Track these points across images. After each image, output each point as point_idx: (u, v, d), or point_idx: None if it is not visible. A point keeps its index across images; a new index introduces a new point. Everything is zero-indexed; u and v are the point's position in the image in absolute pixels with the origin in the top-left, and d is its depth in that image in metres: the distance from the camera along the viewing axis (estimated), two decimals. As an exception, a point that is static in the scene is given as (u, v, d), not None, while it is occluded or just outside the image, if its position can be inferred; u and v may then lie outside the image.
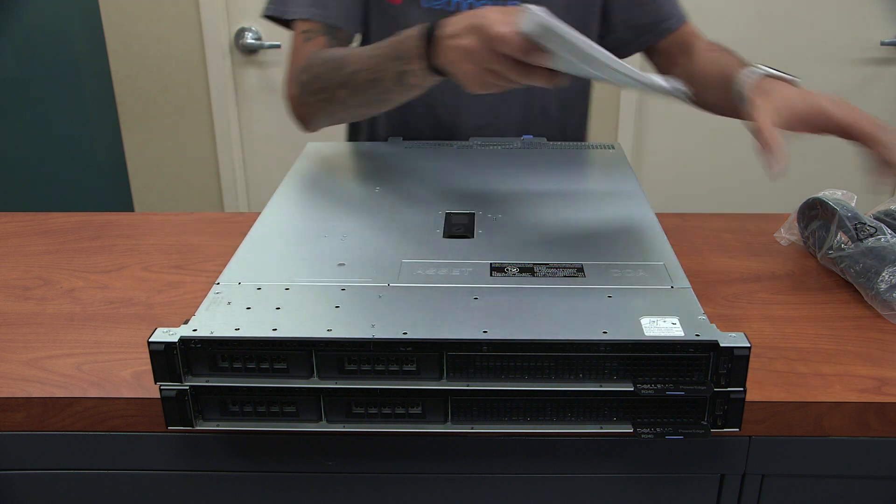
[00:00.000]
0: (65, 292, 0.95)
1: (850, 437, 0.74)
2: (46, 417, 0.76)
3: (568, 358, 0.66)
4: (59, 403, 0.75)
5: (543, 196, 0.98)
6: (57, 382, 0.76)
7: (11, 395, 0.75)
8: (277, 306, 0.70)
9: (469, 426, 0.69)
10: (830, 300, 0.90)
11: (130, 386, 0.76)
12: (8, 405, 0.75)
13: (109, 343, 0.83)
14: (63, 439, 0.77)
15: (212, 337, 0.66)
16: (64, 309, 0.91)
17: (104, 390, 0.75)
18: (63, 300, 0.93)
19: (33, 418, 0.76)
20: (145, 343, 0.71)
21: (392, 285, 0.74)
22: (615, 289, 0.73)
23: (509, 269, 0.77)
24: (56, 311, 0.90)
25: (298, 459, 0.78)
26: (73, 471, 0.80)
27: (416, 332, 0.65)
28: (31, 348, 0.83)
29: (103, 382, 0.76)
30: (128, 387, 0.75)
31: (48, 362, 0.80)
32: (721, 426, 0.68)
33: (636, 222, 0.89)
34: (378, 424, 0.69)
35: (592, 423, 0.69)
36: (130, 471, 0.80)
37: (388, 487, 0.80)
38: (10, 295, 0.94)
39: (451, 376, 0.66)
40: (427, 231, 0.87)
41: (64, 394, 0.75)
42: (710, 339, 0.64)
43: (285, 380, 0.67)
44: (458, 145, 1.18)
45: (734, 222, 1.13)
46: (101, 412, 0.75)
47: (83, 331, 0.86)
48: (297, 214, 0.93)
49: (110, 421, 0.75)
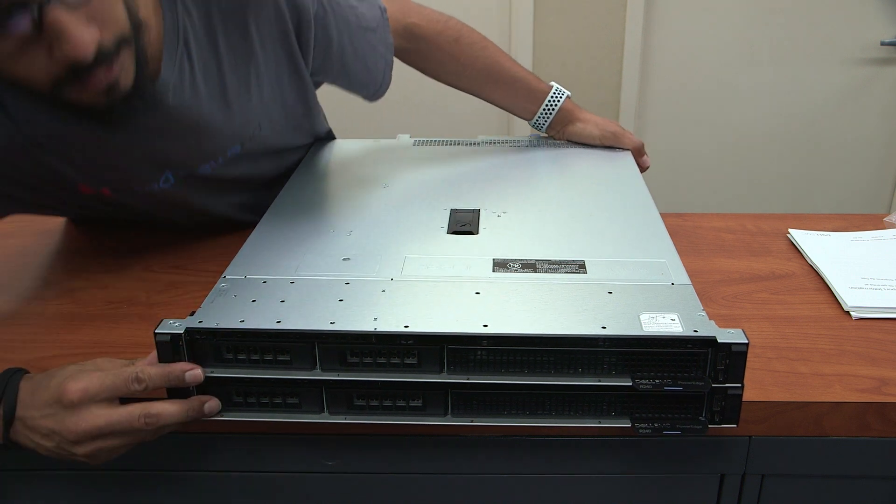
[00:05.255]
0: (65, 292, 0.95)
1: (850, 437, 0.74)
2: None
3: (567, 352, 0.66)
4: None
5: (548, 193, 0.98)
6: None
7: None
8: (282, 299, 0.71)
9: (469, 419, 0.70)
10: (830, 300, 0.91)
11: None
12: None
13: (109, 343, 0.83)
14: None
15: (217, 328, 0.66)
16: (64, 309, 0.91)
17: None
18: (63, 300, 0.93)
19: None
20: (146, 343, 0.72)
21: (395, 280, 0.74)
22: (616, 285, 0.73)
23: (511, 264, 0.78)
24: (56, 311, 0.90)
25: (299, 458, 0.79)
26: (73, 471, 0.80)
27: (417, 325, 0.66)
28: (31, 348, 0.82)
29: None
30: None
31: (48, 362, 0.79)
32: (719, 422, 0.68)
33: (639, 219, 0.89)
34: (379, 416, 0.70)
35: (591, 417, 0.69)
36: (130, 471, 0.80)
37: (389, 487, 0.80)
38: (11, 295, 0.95)
39: (452, 369, 0.67)
40: (432, 227, 0.87)
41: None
42: (709, 336, 0.65)
43: (289, 371, 0.68)
44: (465, 142, 1.19)
45: (734, 222, 1.13)
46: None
47: (83, 331, 0.86)
48: (304, 210, 0.94)
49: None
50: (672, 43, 2.43)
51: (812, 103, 2.48)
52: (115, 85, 0.73)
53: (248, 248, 0.83)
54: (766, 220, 1.13)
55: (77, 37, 0.66)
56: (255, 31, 0.86)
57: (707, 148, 2.56)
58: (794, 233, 1.06)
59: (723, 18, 2.39)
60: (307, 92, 0.95)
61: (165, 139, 0.86)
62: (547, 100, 1.17)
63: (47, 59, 0.68)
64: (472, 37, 1.13)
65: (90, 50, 0.68)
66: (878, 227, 1.10)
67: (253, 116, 0.91)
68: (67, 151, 0.86)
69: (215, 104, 0.86)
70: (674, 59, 2.45)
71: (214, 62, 0.85)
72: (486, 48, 1.13)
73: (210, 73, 0.85)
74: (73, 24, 0.66)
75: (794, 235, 1.06)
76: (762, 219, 1.14)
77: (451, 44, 1.11)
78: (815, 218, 1.13)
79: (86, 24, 0.67)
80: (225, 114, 0.88)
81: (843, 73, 2.44)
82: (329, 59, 0.93)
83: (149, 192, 0.93)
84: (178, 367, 0.67)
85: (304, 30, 0.88)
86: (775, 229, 1.10)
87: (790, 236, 1.06)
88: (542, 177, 1.05)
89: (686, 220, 1.13)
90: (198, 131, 0.88)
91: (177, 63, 0.81)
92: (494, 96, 1.18)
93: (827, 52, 2.41)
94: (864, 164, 2.54)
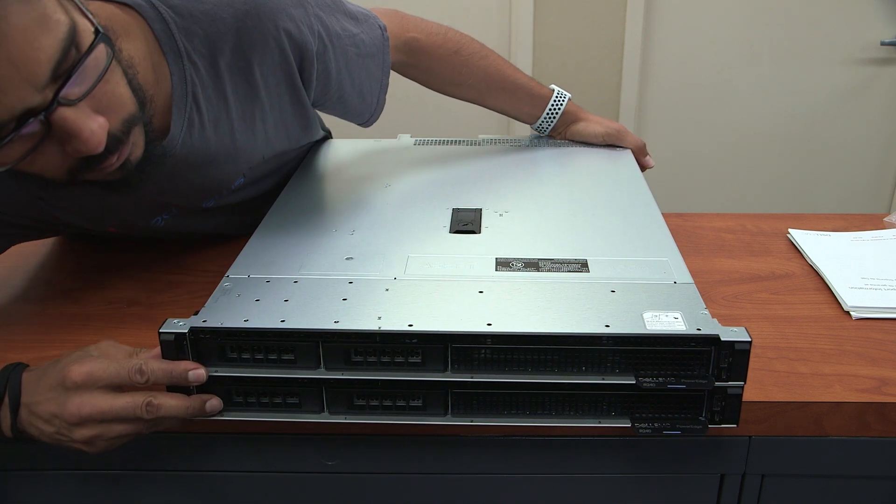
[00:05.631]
0: (65, 292, 0.95)
1: (850, 437, 0.75)
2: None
3: (571, 351, 0.66)
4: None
5: (549, 192, 0.98)
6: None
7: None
8: (286, 298, 0.71)
9: (469, 419, 0.70)
10: (830, 300, 0.91)
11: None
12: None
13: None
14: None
15: (221, 327, 0.66)
16: (64, 309, 0.91)
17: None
18: (63, 300, 0.93)
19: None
20: (146, 343, 0.72)
21: (398, 279, 0.75)
22: (619, 283, 0.73)
23: (514, 263, 0.78)
24: (56, 311, 0.90)
25: (299, 458, 0.79)
26: (73, 471, 0.80)
27: (421, 324, 0.66)
28: (32, 348, 0.82)
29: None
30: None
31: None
32: (718, 422, 0.68)
33: (640, 218, 0.90)
34: (379, 416, 0.70)
35: (591, 417, 0.69)
36: (130, 471, 0.80)
37: (389, 487, 0.80)
38: (11, 295, 0.95)
39: (456, 368, 0.67)
40: (434, 226, 0.87)
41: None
42: (712, 334, 0.65)
43: (293, 371, 0.68)
44: (466, 142, 1.20)
45: (734, 222, 1.13)
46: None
47: (83, 331, 0.86)
48: (306, 210, 0.94)
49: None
50: (672, 43, 2.43)
51: (812, 103, 2.48)
52: (128, 161, 0.74)
53: (251, 248, 0.83)
54: (766, 220, 1.13)
55: (86, 132, 0.66)
56: (259, 75, 0.86)
57: (707, 148, 2.57)
58: (794, 233, 1.07)
59: (723, 18, 2.40)
60: (309, 118, 0.96)
61: (172, 185, 0.87)
62: (549, 104, 1.18)
63: (61, 154, 0.68)
64: (472, 47, 1.13)
65: (101, 141, 0.67)
66: (878, 227, 1.11)
67: (257, 151, 0.93)
68: (74, 207, 0.88)
69: (222, 147, 0.87)
70: (674, 59, 2.45)
71: (223, 109, 0.85)
72: (486, 57, 1.14)
73: (218, 120, 0.85)
74: (80, 120, 0.65)
75: (794, 235, 1.06)
76: (762, 219, 1.14)
77: (452, 56, 1.11)
78: (815, 218, 1.13)
79: (93, 117, 0.67)
80: (231, 155, 0.89)
81: (843, 73, 2.44)
82: (328, 91, 0.94)
83: (153, 225, 0.96)
84: (182, 365, 0.67)
85: (307, 66, 0.89)
86: (775, 229, 1.10)
87: (790, 236, 1.07)
88: (544, 176, 1.06)
89: (686, 220, 1.13)
90: (204, 174, 0.89)
91: (185, 116, 0.82)
92: (497, 104, 1.19)
93: (827, 52, 2.42)
94: (864, 164, 2.55)
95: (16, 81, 0.60)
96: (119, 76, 0.71)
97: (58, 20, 0.62)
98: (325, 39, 0.90)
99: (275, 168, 1.02)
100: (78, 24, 0.65)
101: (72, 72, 0.64)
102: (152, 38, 0.80)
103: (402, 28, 1.07)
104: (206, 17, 0.82)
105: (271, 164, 0.99)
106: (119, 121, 0.71)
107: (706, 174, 2.60)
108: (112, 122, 0.70)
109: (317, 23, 0.89)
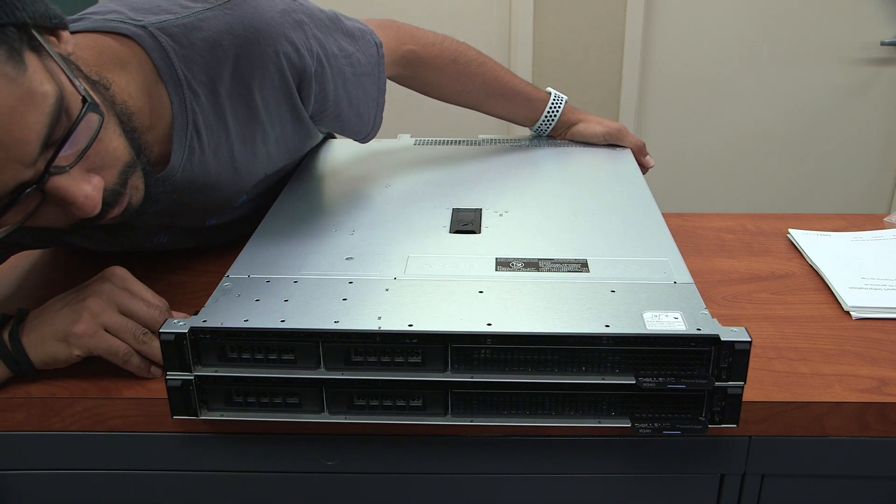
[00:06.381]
0: (65, 292, 0.95)
1: (850, 437, 0.75)
2: (46, 417, 0.75)
3: (571, 351, 0.66)
4: (59, 403, 0.75)
5: (550, 192, 0.98)
6: (57, 382, 0.76)
7: (11, 395, 0.75)
8: (286, 298, 0.71)
9: (469, 419, 0.70)
10: (830, 300, 0.91)
11: (131, 386, 0.76)
12: (8, 405, 0.75)
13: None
14: (63, 439, 0.77)
15: (221, 328, 0.66)
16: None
17: (104, 390, 0.75)
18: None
19: (33, 418, 0.76)
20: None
21: (398, 279, 0.75)
22: (619, 283, 0.73)
23: (514, 263, 0.78)
24: (56, 312, 0.90)
25: (299, 458, 0.79)
26: (73, 471, 0.80)
27: (421, 324, 0.66)
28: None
29: (104, 382, 0.76)
30: (128, 387, 0.75)
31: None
32: (718, 422, 0.68)
33: (640, 218, 0.90)
34: (379, 416, 0.70)
35: (591, 417, 0.70)
36: (131, 471, 0.80)
37: (389, 487, 0.80)
38: (11, 295, 0.95)
39: (456, 368, 0.67)
40: (434, 226, 0.87)
41: (64, 394, 0.75)
42: (712, 334, 0.65)
43: (293, 371, 0.68)
44: (466, 142, 1.20)
45: (734, 222, 1.13)
46: (101, 412, 0.75)
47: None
48: (306, 210, 0.94)
49: (110, 421, 0.75)
50: (672, 43, 2.43)
51: (812, 103, 2.48)
52: (129, 206, 0.74)
53: (251, 248, 0.83)
54: (766, 220, 1.13)
55: (81, 198, 0.65)
56: (260, 99, 0.86)
57: (707, 148, 2.57)
58: (794, 233, 1.07)
59: (723, 18, 2.40)
60: (309, 130, 0.97)
61: (174, 210, 0.87)
62: (547, 108, 1.19)
63: (62, 213, 0.68)
64: (469, 55, 1.14)
65: (97, 203, 0.67)
66: (878, 227, 1.11)
67: (259, 171, 0.93)
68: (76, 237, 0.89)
69: (223, 171, 0.87)
70: (674, 59, 2.45)
71: (223, 135, 0.85)
72: (483, 64, 1.15)
73: (219, 146, 0.85)
74: (73, 187, 0.65)
75: (794, 235, 1.06)
76: (762, 219, 1.14)
77: (449, 65, 1.12)
78: (815, 218, 1.13)
79: (87, 179, 0.66)
80: (233, 177, 0.89)
81: (843, 73, 2.44)
82: (325, 110, 0.95)
83: (155, 244, 0.96)
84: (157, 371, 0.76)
85: (305, 87, 0.89)
86: (775, 229, 1.10)
87: (790, 236, 1.07)
88: (544, 176, 1.06)
89: (686, 220, 1.14)
90: (206, 196, 0.89)
91: (186, 145, 0.82)
92: (496, 110, 1.19)
93: (827, 52, 2.42)
94: (864, 164, 2.55)
95: (5, 162, 0.60)
96: (112, 128, 0.70)
97: (44, 93, 0.61)
98: (322, 61, 0.90)
99: (276, 180, 1.03)
100: (65, 89, 0.63)
101: (62, 142, 0.63)
102: (151, 68, 0.78)
103: (399, 41, 1.07)
104: (205, 44, 0.80)
105: (273, 178, 1.00)
106: (115, 174, 0.70)
107: (706, 174, 2.60)
108: (108, 178, 0.69)
109: (315, 44, 0.89)
